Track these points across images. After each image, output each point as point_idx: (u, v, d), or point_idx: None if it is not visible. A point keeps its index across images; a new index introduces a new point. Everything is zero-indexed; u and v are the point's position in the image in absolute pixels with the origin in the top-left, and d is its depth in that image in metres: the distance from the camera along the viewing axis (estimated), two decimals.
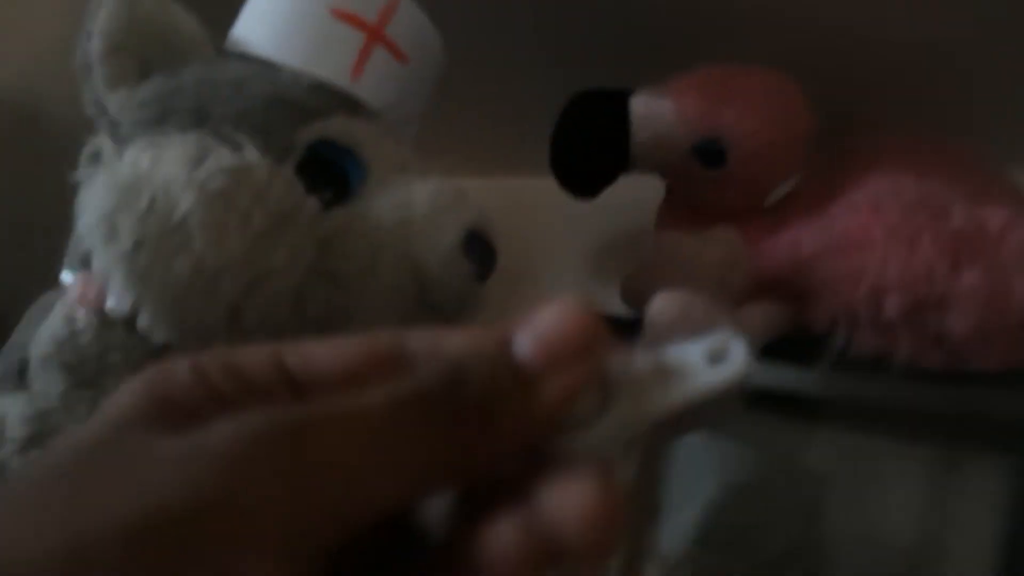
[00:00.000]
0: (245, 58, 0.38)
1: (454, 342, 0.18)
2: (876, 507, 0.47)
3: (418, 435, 0.16)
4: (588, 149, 0.43)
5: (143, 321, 0.33)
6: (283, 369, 0.18)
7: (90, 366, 0.33)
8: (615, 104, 0.43)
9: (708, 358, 0.18)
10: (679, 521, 0.44)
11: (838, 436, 0.46)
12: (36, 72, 0.54)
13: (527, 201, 0.55)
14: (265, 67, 0.37)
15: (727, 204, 0.43)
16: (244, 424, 0.16)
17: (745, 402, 0.45)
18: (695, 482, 0.46)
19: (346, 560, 0.17)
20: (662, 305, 0.33)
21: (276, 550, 0.16)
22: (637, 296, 0.38)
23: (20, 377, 0.34)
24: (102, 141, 0.35)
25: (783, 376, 0.41)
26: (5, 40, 0.54)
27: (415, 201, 0.35)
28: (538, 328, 0.17)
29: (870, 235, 0.38)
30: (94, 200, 0.33)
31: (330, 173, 0.35)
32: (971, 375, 0.37)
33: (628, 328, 0.40)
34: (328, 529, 0.16)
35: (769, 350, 0.37)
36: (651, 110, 0.42)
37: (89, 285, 0.34)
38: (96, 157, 0.35)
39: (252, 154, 0.33)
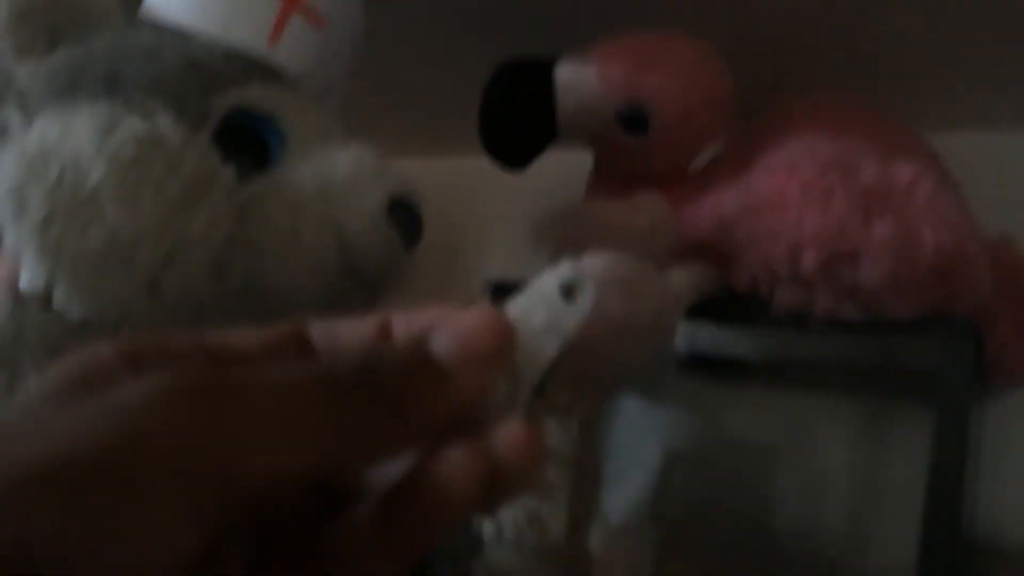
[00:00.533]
0: (159, 26, 0.37)
1: (350, 332, 0.19)
2: (810, 461, 0.48)
3: (327, 413, 0.17)
4: (515, 119, 0.43)
5: (59, 297, 0.32)
6: (202, 345, 0.18)
7: (6, 347, 0.32)
8: (540, 73, 0.43)
9: (563, 295, 0.20)
10: (623, 488, 0.45)
11: (769, 396, 0.47)
12: None
13: (461, 180, 0.54)
14: (179, 35, 0.36)
15: (652, 170, 0.43)
16: (160, 379, 0.16)
17: (678, 366, 0.46)
18: (636, 449, 0.47)
19: (277, 528, 0.19)
20: (591, 264, 0.33)
21: (180, 504, 0.16)
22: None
23: None
24: (10, 114, 0.34)
25: (714, 339, 0.42)
26: None
27: (337, 168, 0.34)
28: (457, 328, 0.18)
29: (786, 194, 0.38)
30: (2, 174, 0.32)
31: (248, 141, 0.35)
32: (887, 325, 0.39)
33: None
34: (234, 491, 0.16)
35: (697, 311, 0.38)
36: (575, 78, 0.42)
37: (1, 264, 0.33)
38: (3, 130, 0.34)
39: (165, 122, 0.32)
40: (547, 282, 0.20)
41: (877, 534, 0.45)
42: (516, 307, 0.20)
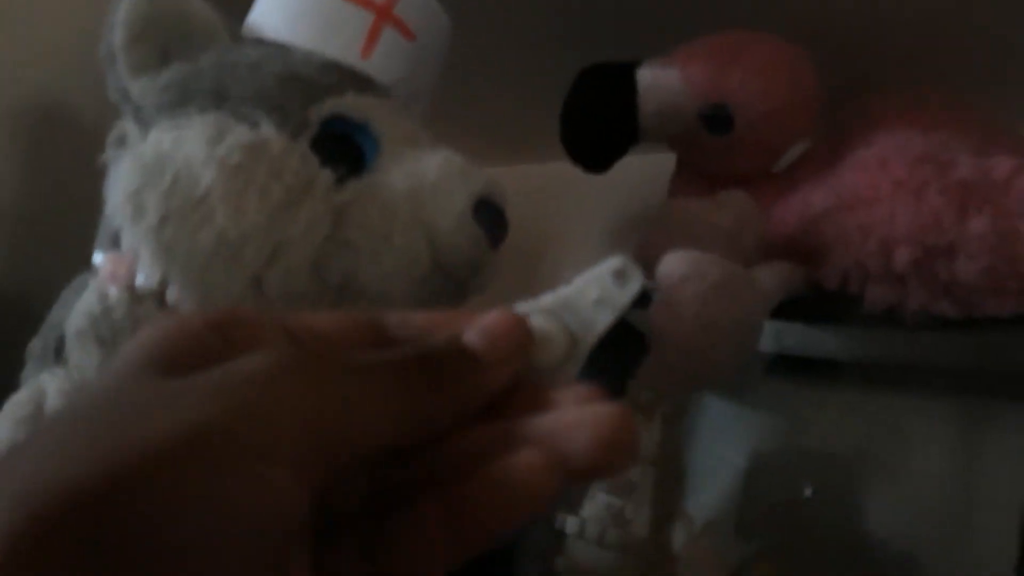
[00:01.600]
0: (260, 42, 0.39)
1: (419, 322, 0.23)
2: (903, 466, 0.46)
3: (400, 392, 0.20)
4: (597, 122, 0.44)
5: (171, 294, 0.35)
6: (285, 327, 0.20)
7: (123, 339, 0.35)
8: (622, 76, 0.44)
9: (615, 279, 0.23)
10: (708, 488, 0.45)
11: (860, 397, 0.45)
12: (61, 69, 0.56)
13: (542, 185, 0.55)
14: (279, 49, 0.38)
15: (737, 170, 0.43)
16: (274, 354, 0.18)
17: (765, 367, 0.46)
18: (721, 451, 0.46)
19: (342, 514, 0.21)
20: (672, 262, 0.33)
21: (294, 463, 0.17)
22: (650, 263, 0.39)
23: (57, 353, 0.36)
24: (126, 125, 0.37)
25: (802, 338, 0.41)
26: (31, 43, 0.57)
27: (426, 171, 0.36)
28: (483, 326, 0.22)
29: (877, 190, 0.38)
30: (121, 180, 0.34)
31: (344, 147, 0.37)
32: (985, 323, 0.37)
33: (641, 297, 0.41)
34: (335, 451, 0.18)
35: (784, 310, 0.37)
36: (657, 80, 0.43)
37: (119, 263, 0.36)
38: (121, 140, 0.37)
39: (268, 131, 0.34)
40: (601, 267, 0.23)
41: (974, 543, 0.43)
42: (573, 285, 0.23)
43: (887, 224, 0.36)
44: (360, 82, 0.38)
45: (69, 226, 0.45)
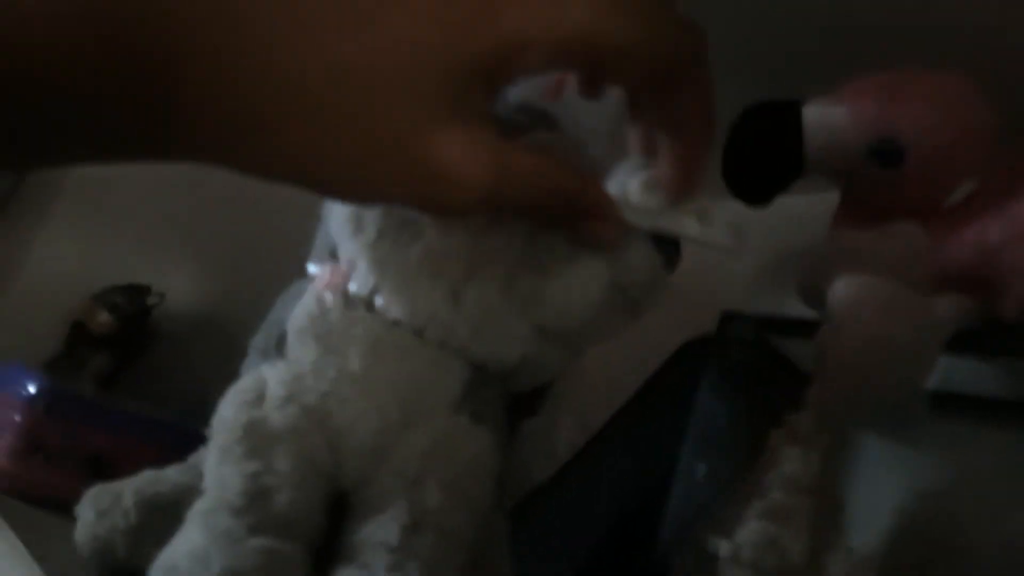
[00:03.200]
0: None
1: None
2: None
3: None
4: (760, 157, 0.46)
5: (380, 301, 0.40)
6: None
7: (337, 337, 0.39)
8: (788, 112, 0.45)
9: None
10: (866, 524, 0.45)
11: None
12: None
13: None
14: None
15: (906, 205, 0.44)
16: None
17: (930, 405, 0.46)
18: (881, 487, 0.46)
19: None
20: (845, 286, 0.35)
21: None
22: (814, 292, 0.40)
23: (278, 348, 0.41)
24: None
25: (973, 375, 0.41)
26: None
27: None
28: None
29: None
30: None
31: None
32: None
33: (806, 328, 0.43)
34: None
35: (957, 344, 0.38)
36: (824, 116, 0.44)
37: (336, 272, 0.41)
38: None
39: None
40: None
41: None
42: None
43: None
44: (549, 122, 0.43)
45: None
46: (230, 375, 0.42)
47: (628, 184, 0.38)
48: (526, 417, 0.52)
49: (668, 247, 0.39)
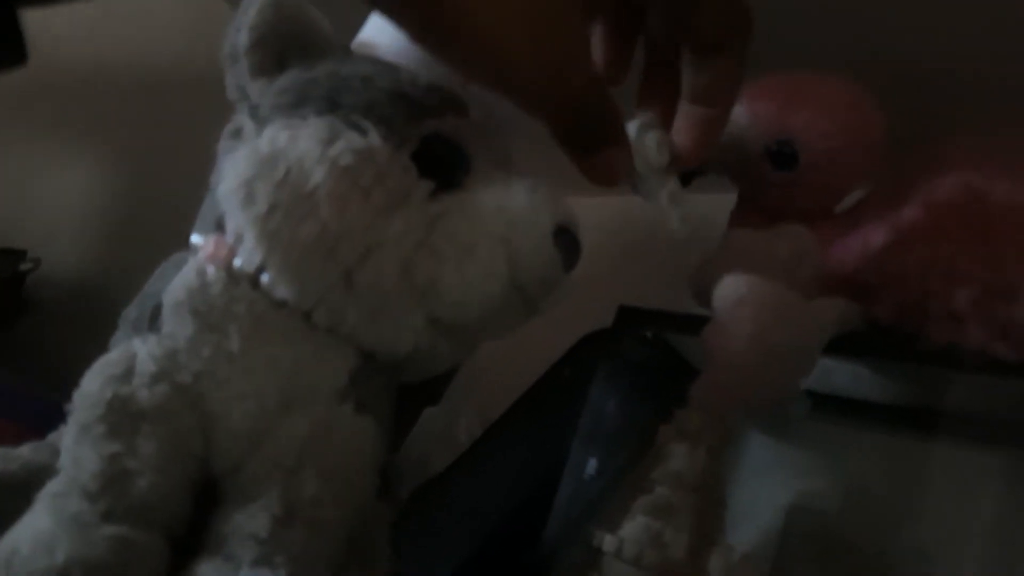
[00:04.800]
0: (370, 59, 0.43)
1: None
2: (947, 518, 0.47)
3: None
4: None
5: (267, 279, 0.37)
6: None
7: (217, 314, 0.37)
8: None
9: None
10: (748, 522, 0.46)
11: (910, 443, 0.46)
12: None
13: (604, 218, 0.58)
14: (388, 67, 0.41)
15: (798, 208, 0.45)
16: None
17: (811, 407, 0.47)
18: (761, 487, 0.47)
19: None
20: (729, 285, 0.35)
21: None
22: (705, 289, 0.40)
23: (152, 321, 0.39)
24: (243, 120, 0.40)
25: (852, 378, 0.42)
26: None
27: (514, 194, 0.39)
28: None
29: (940, 227, 0.39)
30: (235, 169, 0.37)
31: (439, 164, 0.39)
32: None
33: (696, 324, 0.43)
34: None
35: (838, 346, 0.39)
36: None
37: (220, 245, 0.39)
38: (237, 133, 0.40)
39: (376, 139, 0.37)
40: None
41: None
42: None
43: (949, 262, 0.38)
44: (458, 106, 0.41)
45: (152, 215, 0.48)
46: (104, 349, 0.39)
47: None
48: (426, 405, 0.51)
49: (569, 245, 0.39)
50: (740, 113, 0.45)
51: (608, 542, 0.41)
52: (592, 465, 0.57)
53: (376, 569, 0.40)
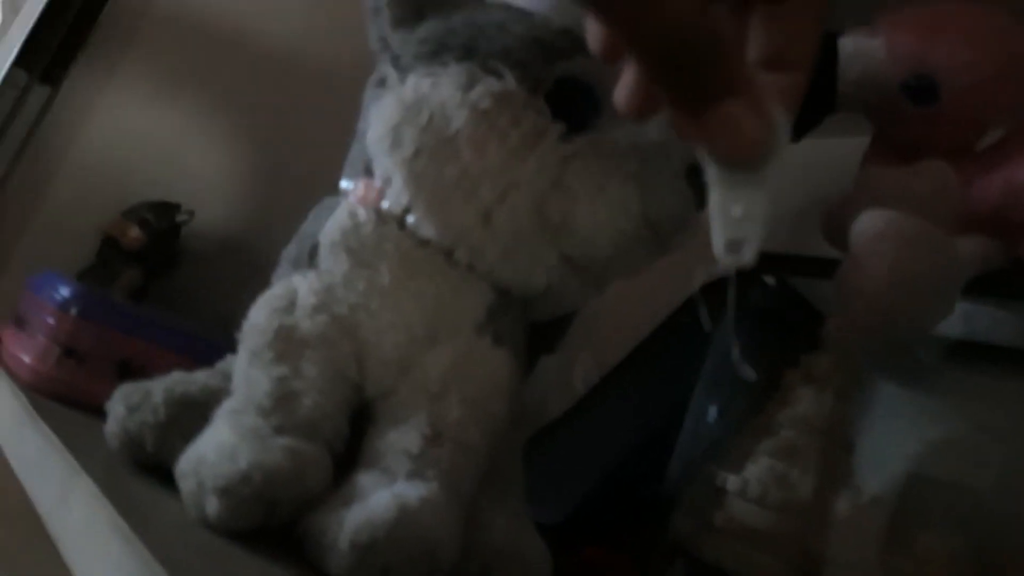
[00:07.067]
0: (504, 6, 0.44)
1: None
2: None
3: None
4: None
5: (412, 219, 0.40)
6: None
7: (368, 252, 0.40)
8: (824, 44, 0.44)
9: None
10: (877, 468, 0.45)
11: None
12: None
13: None
14: (522, 13, 0.43)
15: (938, 145, 0.43)
16: None
17: (946, 354, 0.46)
18: (894, 432, 0.47)
19: None
20: (867, 220, 0.35)
21: None
22: (838, 230, 0.40)
23: (311, 259, 0.42)
24: (387, 69, 0.43)
25: (993, 322, 0.41)
26: None
27: (646, 132, 0.39)
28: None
29: None
30: (382, 116, 0.40)
31: (572, 105, 0.41)
32: None
33: (827, 267, 0.43)
34: None
35: (977, 286, 0.38)
36: (860, 49, 0.43)
37: (369, 188, 0.42)
38: (382, 82, 0.43)
39: (511, 83, 0.39)
40: None
41: None
42: None
43: None
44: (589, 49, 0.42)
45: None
46: (253, 292, 0.43)
47: None
48: (545, 353, 0.53)
49: (699, 183, 0.39)
50: (877, 47, 0.44)
51: (732, 482, 0.42)
52: (713, 413, 0.57)
53: (511, 494, 0.43)
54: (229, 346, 0.42)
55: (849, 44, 0.44)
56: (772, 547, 0.39)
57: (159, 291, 0.80)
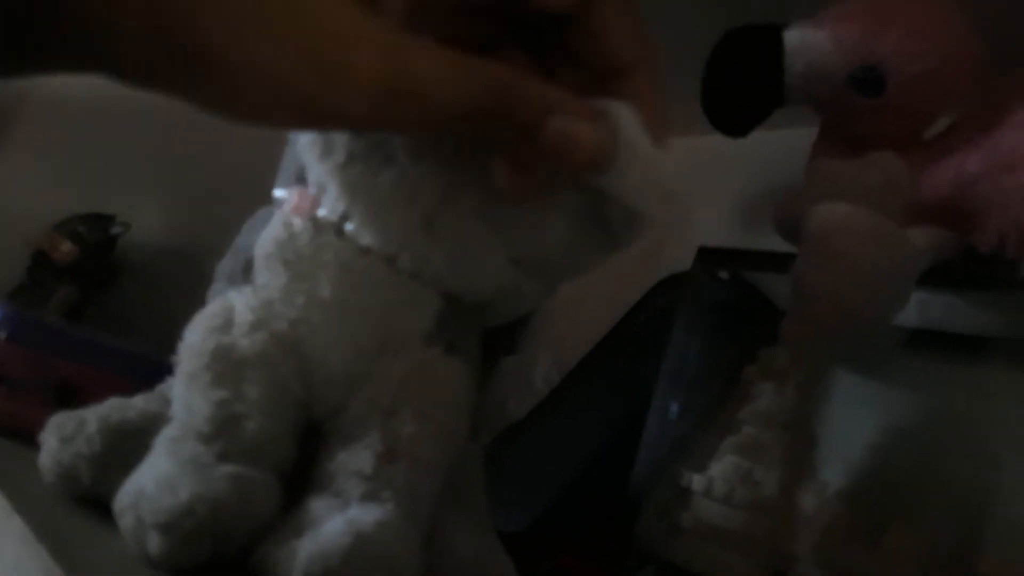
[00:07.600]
0: None
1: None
2: None
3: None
4: (741, 85, 0.45)
5: (351, 226, 0.38)
6: None
7: (306, 263, 0.38)
8: (768, 38, 0.44)
9: None
10: (839, 459, 0.45)
11: (1006, 376, 0.45)
12: None
13: (676, 155, 0.57)
14: None
15: (886, 135, 0.43)
16: None
17: (904, 342, 0.46)
18: (853, 424, 0.47)
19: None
20: (822, 215, 0.34)
21: None
22: (791, 223, 0.40)
23: (246, 273, 0.40)
24: None
25: (948, 310, 0.41)
26: None
27: None
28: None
29: None
30: None
31: None
32: None
33: (782, 261, 0.42)
34: None
35: (931, 276, 0.38)
36: (806, 41, 0.43)
37: (303, 197, 0.40)
38: None
39: None
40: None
41: None
42: None
43: None
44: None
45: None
46: (198, 305, 0.41)
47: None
48: (504, 354, 0.52)
49: None
50: (823, 39, 0.43)
51: (697, 481, 0.41)
52: (674, 409, 0.57)
53: (473, 508, 0.42)
54: (171, 364, 0.40)
55: (795, 37, 0.44)
56: (741, 546, 0.39)
57: (97, 308, 0.77)
